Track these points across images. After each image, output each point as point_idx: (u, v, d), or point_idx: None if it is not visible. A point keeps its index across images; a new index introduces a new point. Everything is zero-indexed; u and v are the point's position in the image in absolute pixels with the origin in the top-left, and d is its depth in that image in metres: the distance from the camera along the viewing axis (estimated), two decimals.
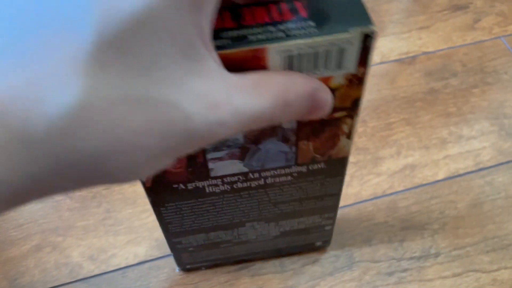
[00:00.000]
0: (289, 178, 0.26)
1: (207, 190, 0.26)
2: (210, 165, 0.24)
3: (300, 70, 0.19)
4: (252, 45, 0.17)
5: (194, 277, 0.35)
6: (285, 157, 0.25)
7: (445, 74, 0.47)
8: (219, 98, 0.14)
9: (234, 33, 0.18)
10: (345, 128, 0.23)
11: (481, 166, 0.41)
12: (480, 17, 0.51)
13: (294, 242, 0.34)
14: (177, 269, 0.35)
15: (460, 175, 0.40)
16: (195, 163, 0.24)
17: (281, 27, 0.18)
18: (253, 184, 0.26)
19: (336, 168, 0.26)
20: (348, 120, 0.23)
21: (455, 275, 0.35)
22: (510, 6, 0.52)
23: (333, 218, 0.32)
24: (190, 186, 0.25)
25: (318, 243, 0.35)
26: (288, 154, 0.24)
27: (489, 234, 0.37)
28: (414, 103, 0.45)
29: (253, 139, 0.23)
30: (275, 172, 0.25)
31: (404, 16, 0.52)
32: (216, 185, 0.25)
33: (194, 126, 0.14)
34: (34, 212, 0.38)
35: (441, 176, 0.40)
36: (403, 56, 0.48)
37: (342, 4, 0.18)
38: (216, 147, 0.23)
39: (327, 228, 0.33)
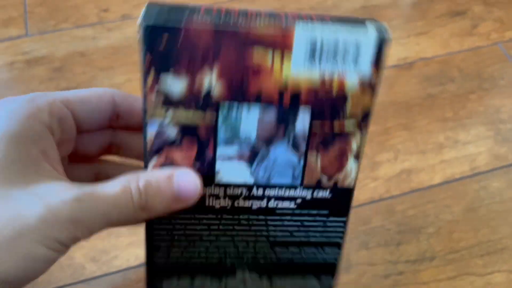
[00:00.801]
0: (292, 205, 0.26)
1: (207, 203, 0.26)
2: (218, 165, 0.24)
3: (321, 61, 0.22)
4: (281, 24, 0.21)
5: None
6: (292, 173, 0.25)
7: (442, 80, 0.47)
8: (64, 191, 0.20)
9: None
10: (354, 144, 0.24)
11: (477, 171, 0.41)
12: (478, 23, 0.52)
13: None
14: None
15: (456, 180, 0.41)
16: (203, 159, 0.24)
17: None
18: (255, 205, 0.26)
19: (341, 202, 0.27)
20: (358, 135, 0.24)
21: (449, 278, 0.36)
22: (508, 12, 0.53)
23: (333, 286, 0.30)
24: None
25: None
26: (296, 169, 0.25)
27: (484, 238, 0.38)
28: (412, 108, 0.45)
29: (265, 138, 0.24)
30: (279, 193, 0.26)
31: (402, 22, 0.52)
32: (218, 196, 0.26)
33: (46, 207, 0.19)
34: None
35: (437, 180, 0.41)
36: (401, 62, 0.49)
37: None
38: (228, 140, 0.24)
39: None
